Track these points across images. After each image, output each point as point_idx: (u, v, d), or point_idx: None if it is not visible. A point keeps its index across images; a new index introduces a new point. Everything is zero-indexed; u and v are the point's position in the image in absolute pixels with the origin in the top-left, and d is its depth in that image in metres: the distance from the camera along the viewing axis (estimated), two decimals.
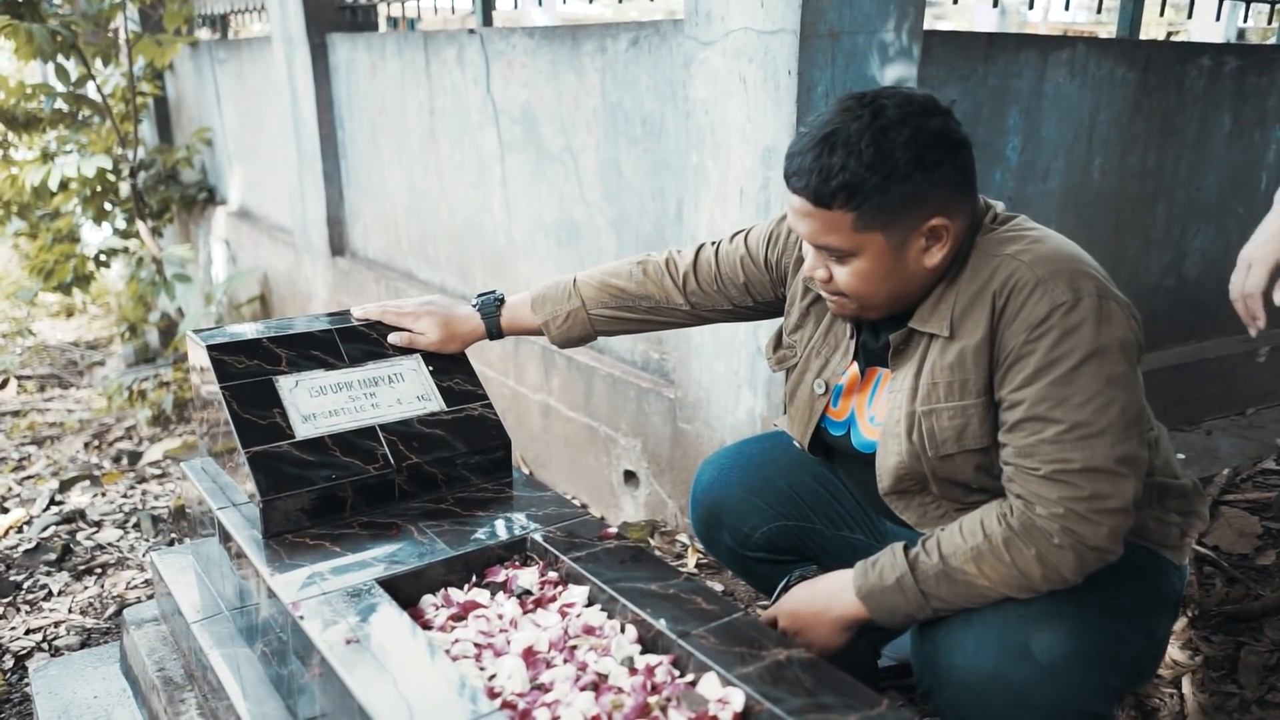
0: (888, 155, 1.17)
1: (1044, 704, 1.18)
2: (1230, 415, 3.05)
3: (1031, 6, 2.79)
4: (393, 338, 1.67)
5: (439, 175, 3.41)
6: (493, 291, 1.73)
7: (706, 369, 2.28)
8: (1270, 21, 3.71)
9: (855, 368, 1.45)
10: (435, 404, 1.63)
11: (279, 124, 4.43)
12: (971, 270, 1.28)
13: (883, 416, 1.39)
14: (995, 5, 2.85)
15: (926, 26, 2.08)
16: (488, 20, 3.34)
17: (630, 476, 2.63)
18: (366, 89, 3.76)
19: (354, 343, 1.66)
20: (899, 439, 1.34)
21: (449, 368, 1.69)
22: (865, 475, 1.45)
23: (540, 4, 3.12)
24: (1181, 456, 2.72)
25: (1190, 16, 3.27)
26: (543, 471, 3.02)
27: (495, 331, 1.71)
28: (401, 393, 1.62)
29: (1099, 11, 2.89)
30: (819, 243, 1.26)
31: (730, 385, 2.22)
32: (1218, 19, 3.27)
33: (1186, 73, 2.80)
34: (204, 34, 5.69)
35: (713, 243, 1.65)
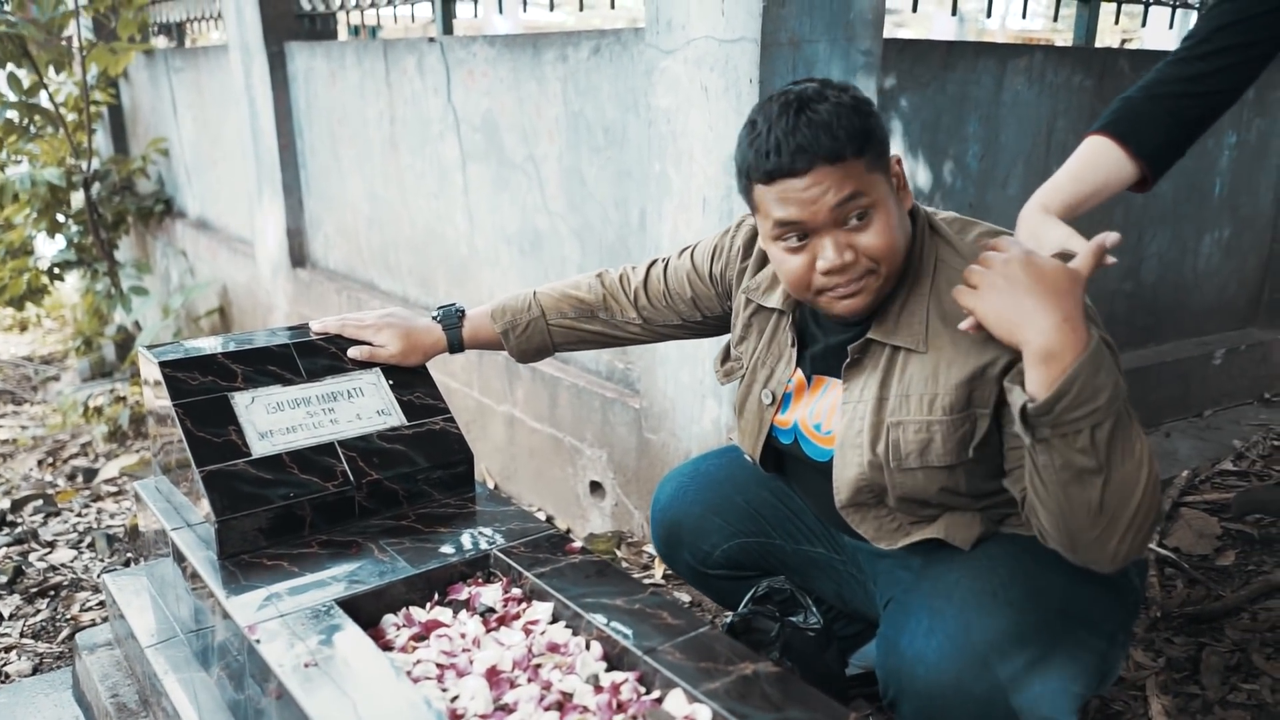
0: (856, 97, 1.23)
1: (1006, 713, 1.18)
2: (1188, 417, 3.09)
3: (989, 15, 2.82)
4: (353, 351, 1.65)
5: (400, 185, 3.37)
6: (454, 304, 1.71)
7: (671, 379, 2.27)
8: None
9: (800, 374, 1.45)
10: (396, 419, 1.60)
11: (237, 134, 4.36)
12: (935, 274, 1.30)
13: (833, 425, 1.38)
14: (954, 14, 2.87)
15: (886, 34, 2.09)
16: (448, 29, 3.31)
17: (596, 487, 2.61)
18: (326, 98, 3.71)
19: (312, 357, 1.63)
20: (860, 450, 1.33)
21: (410, 381, 1.66)
22: (819, 486, 1.44)
23: (501, 11, 3.10)
24: None
25: (1144, 24, 3.32)
26: (508, 484, 2.99)
27: (456, 344, 1.69)
28: (361, 408, 1.59)
29: (1055, 20, 2.92)
30: (842, 197, 1.20)
31: (695, 395, 2.21)
32: (1170, 27, 3.32)
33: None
34: (160, 42, 5.60)
35: (664, 259, 1.66)
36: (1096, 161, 1.32)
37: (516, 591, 1.34)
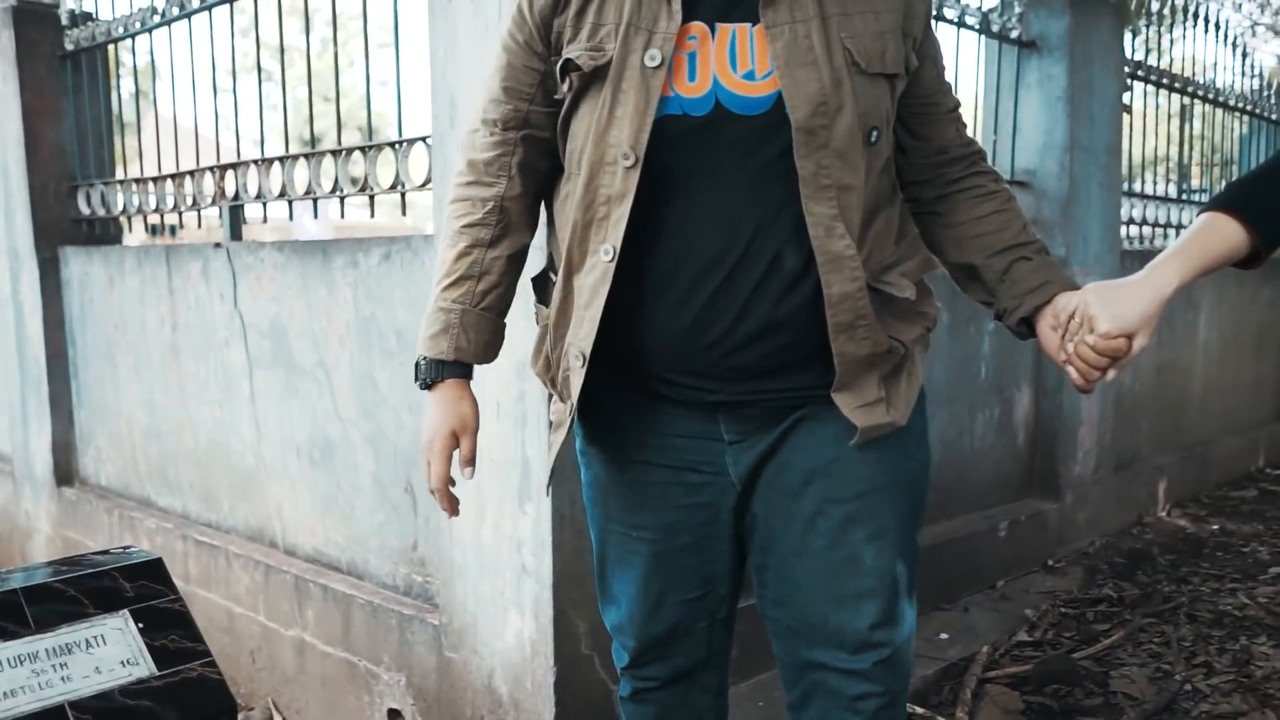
0: None
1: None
2: (983, 589, 3.22)
3: None
4: (462, 471, 1.39)
5: (181, 393, 3.18)
6: (423, 361, 1.43)
7: (471, 592, 2.15)
8: None
9: (698, 25, 1.22)
10: (144, 668, 1.41)
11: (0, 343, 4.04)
12: None
13: (768, 66, 1.20)
14: None
15: None
16: (236, 234, 3.24)
17: (395, 716, 2.40)
18: (103, 304, 3.51)
19: (44, 604, 1.43)
20: (815, 66, 1.20)
21: (164, 623, 1.49)
22: (742, 138, 1.22)
23: (291, 218, 3.07)
24: (944, 636, 2.82)
25: None
26: (298, 718, 2.71)
27: (470, 374, 1.43)
28: (101, 659, 1.40)
29: None
30: None
31: (497, 607, 2.10)
32: None
33: None
34: None
35: (485, 120, 1.37)
36: (1211, 233, 1.36)
37: None
